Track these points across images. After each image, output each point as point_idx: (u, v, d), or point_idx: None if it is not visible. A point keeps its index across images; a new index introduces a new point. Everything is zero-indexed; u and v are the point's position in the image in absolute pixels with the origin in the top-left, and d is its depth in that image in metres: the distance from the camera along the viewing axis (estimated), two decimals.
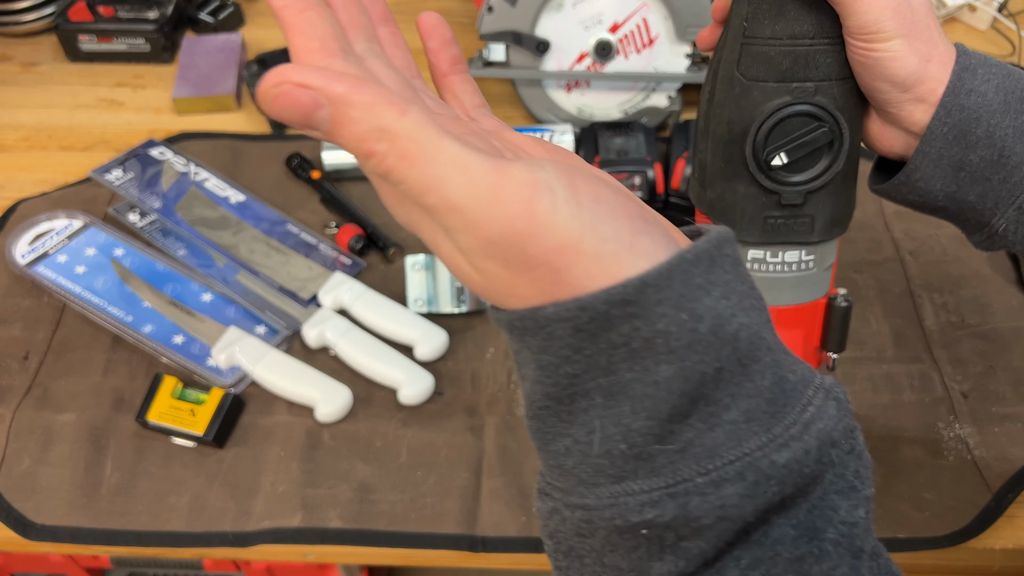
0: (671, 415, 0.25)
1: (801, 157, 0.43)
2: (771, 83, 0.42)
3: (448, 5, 1.06)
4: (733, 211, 0.46)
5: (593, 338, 0.25)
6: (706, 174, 0.47)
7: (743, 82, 0.43)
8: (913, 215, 0.80)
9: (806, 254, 0.47)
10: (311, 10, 0.26)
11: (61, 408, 0.66)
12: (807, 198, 0.45)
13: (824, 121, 0.43)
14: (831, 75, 0.42)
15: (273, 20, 1.04)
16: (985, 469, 0.62)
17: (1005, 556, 0.60)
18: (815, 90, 0.42)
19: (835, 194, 0.45)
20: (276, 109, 0.24)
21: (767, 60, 0.42)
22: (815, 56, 0.42)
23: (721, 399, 0.26)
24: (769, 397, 0.26)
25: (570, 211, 0.24)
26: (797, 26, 0.41)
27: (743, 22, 0.42)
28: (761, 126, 0.43)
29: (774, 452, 0.25)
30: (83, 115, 0.91)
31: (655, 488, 0.25)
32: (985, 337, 0.70)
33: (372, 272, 0.76)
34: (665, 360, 0.25)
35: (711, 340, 0.25)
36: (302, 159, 0.83)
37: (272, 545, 0.59)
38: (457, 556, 0.60)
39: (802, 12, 0.41)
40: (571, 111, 0.86)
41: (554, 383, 0.26)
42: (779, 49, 0.42)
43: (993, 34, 1.02)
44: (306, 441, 0.64)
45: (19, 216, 0.79)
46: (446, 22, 0.34)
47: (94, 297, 0.72)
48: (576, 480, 0.27)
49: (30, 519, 0.60)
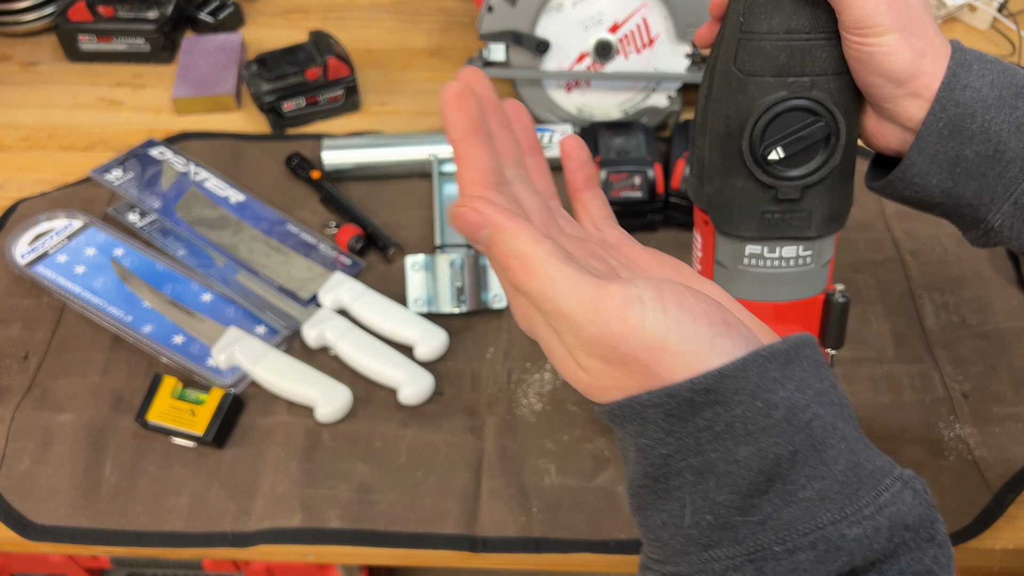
0: (750, 490, 0.29)
1: (798, 152, 0.44)
2: (768, 78, 0.43)
3: (448, 5, 1.06)
4: (731, 206, 0.46)
5: (682, 422, 0.30)
6: (704, 169, 0.47)
7: (740, 77, 0.43)
8: (914, 215, 0.80)
9: (803, 249, 0.47)
10: (478, 146, 0.35)
11: (61, 408, 0.66)
12: (804, 193, 0.45)
13: (821, 116, 0.43)
14: (828, 70, 0.42)
15: (273, 20, 1.04)
16: (986, 469, 0.62)
17: (1006, 556, 0.60)
18: (811, 84, 0.42)
19: (832, 189, 0.46)
20: (456, 222, 0.33)
21: (764, 54, 0.42)
22: (811, 50, 0.42)
23: (797, 479, 0.29)
24: (843, 480, 0.30)
25: (657, 317, 0.30)
26: (793, 20, 0.41)
27: (740, 17, 0.42)
28: (758, 121, 0.43)
29: (845, 527, 0.29)
30: (83, 115, 0.91)
31: (737, 555, 0.30)
32: (986, 337, 0.70)
33: (372, 272, 0.76)
34: (744, 442, 0.29)
35: (785, 426, 0.29)
36: (302, 159, 0.83)
37: (272, 545, 0.59)
38: (457, 556, 0.60)
39: (798, 6, 0.41)
40: (571, 111, 0.86)
41: (651, 463, 0.31)
42: (775, 44, 0.42)
43: (993, 34, 1.02)
44: (306, 441, 0.64)
45: (19, 216, 0.79)
46: (585, 145, 0.41)
47: (94, 297, 0.72)
48: (672, 550, 0.31)
49: (29, 519, 0.60)
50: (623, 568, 0.60)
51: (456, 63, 0.98)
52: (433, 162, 0.81)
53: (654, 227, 0.78)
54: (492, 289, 0.71)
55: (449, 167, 0.82)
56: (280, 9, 1.06)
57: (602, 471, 0.62)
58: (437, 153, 0.82)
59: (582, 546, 0.59)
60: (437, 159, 0.81)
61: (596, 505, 0.61)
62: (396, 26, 1.03)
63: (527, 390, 0.67)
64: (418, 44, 1.00)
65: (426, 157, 0.82)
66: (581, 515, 0.60)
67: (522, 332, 0.70)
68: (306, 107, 0.88)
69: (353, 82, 0.89)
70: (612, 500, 0.61)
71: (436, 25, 1.03)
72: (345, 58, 0.89)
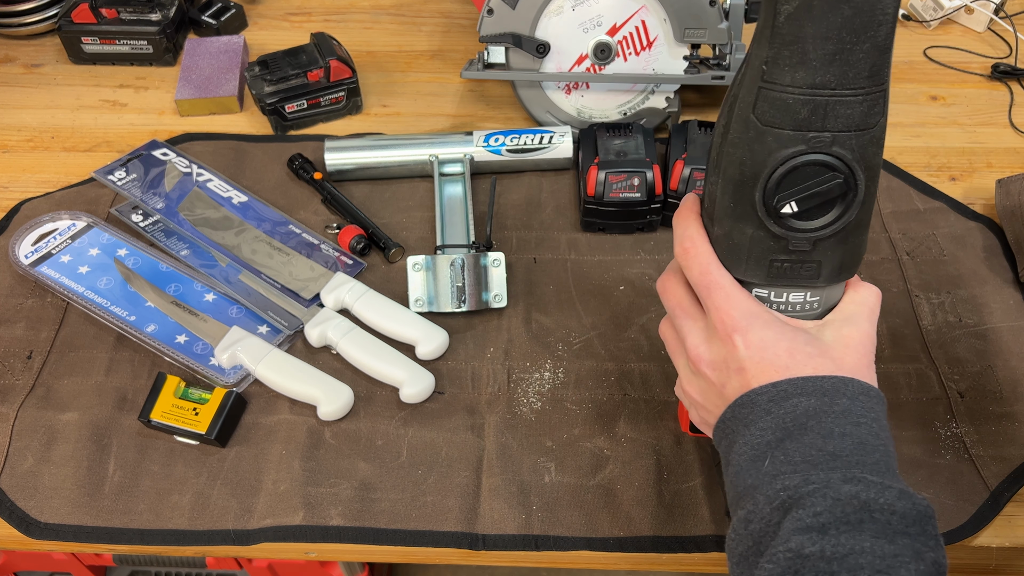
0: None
1: (813, 206, 0.43)
2: (787, 131, 0.41)
3: (449, 7, 1.06)
4: (739, 251, 0.46)
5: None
6: (715, 209, 0.46)
7: (758, 126, 0.41)
8: (910, 216, 0.80)
9: (811, 296, 0.47)
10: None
11: (64, 407, 0.66)
12: (816, 244, 0.44)
13: (839, 171, 0.41)
14: (851, 126, 0.41)
15: (275, 23, 1.05)
16: (982, 468, 0.62)
17: (1002, 554, 0.61)
18: (832, 140, 0.41)
19: (845, 241, 0.45)
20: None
21: (784, 107, 0.41)
22: (835, 107, 0.40)
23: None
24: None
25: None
26: (819, 76, 0.39)
27: (763, 64, 0.40)
28: (773, 173, 0.42)
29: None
30: (86, 116, 0.92)
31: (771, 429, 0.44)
32: (982, 337, 0.70)
33: (373, 272, 0.76)
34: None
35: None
36: (304, 160, 0.84)
37: (274, 543, 0.60)
38: (457, 554, 0.60)
39: (825, 62, 0.39)
40: (570, 112, 0.87)
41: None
42: (798, 98, 0.40)
43: (990, 36, 1.03)
44: (308, 440, 0.64)
45: (23, 216, 0.80)
46: None
47: (97, 297, 0.72)
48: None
49: (33, 517, 0.61)
50: (622, 565, 0.61)
51: (457, 65, 0.98)
52: (434, 163, 0.82)
53: (653, 228, 0.79)
54: (492, 289, 0.72)
55: (449, 168, 0.83)
56: (282, 11, 1.06)
57: (601, 469, 0.63)
58: (438, 154, 0.82)
59: (581, 544, 0.60)
60: (438, 160, 0.82)
61: (595, 503, 0.61)
62: (397, 28, 1.03)
63: (527, 389, 0.68)
64: (419, 46, 1.01)
65: (427, 158, 0.82)
66: (580, 513, 0.61)
67: (522, 332, 0.71)
68: (308, 109, 0.89)
69: (355, 84, 0.90)
70: (611, 498, 0.61)
71: (437, 27, 1.04)
72: (347, 60, 0.89)
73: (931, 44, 1.02)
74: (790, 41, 0.39)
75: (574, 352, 0.70)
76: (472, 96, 0.95)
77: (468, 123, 0.91)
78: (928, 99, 0.95)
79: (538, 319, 0.72)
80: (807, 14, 0.38)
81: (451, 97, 0.94)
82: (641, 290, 0.74)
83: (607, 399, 0.67)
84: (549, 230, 0.79)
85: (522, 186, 0.83)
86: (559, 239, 0.79)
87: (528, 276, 0.76)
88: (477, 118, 0.92)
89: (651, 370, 0.69)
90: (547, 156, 0.83)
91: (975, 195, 0.83)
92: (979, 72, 0.98)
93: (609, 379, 0.68)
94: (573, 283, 0.75)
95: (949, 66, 0.99)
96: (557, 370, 0.69)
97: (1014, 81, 0.96)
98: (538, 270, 0.76)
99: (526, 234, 0.79)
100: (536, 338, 0.71)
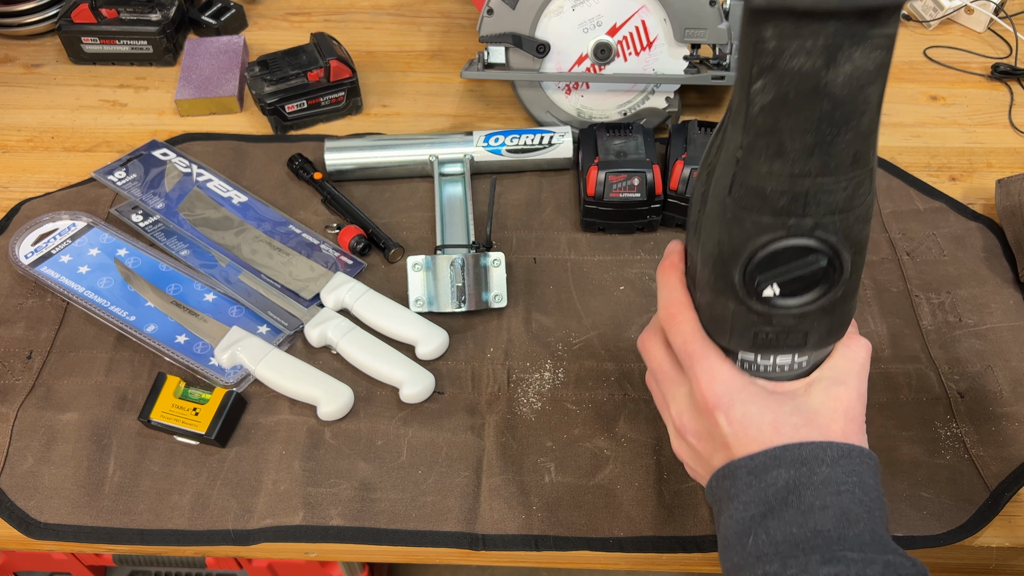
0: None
1: (797, 288, 0.40)
2: (765, 216, 0.38)
3: (448, 7, 1.06)
4: (722, 322, 0.44)
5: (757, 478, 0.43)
6: (696, 276, 0.44)
7: (735, 209, 0.39)
8: (910, 216, 0.80)
9: (799, 356, 0.45)
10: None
11: (64, 407, 0.66)
12: (802, 317, 0.42)
13: (823, 253, 0.39)
14: (834, 210, 0.38)
15: (275, 23, 1.05)
16: (982, 468, 0.62)
17: (1002, 554, 0.61)
18: (815, 225, 0.38)
19: (832, 312, 0.42)
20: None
21: (762, 195, 0.38)
22: (817, 195, 0.37)
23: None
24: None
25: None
26: (798, 166, 0.36)
27: (738, 149, 0.37)
28: (753, 256, 0.39)
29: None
30: (86, 116, 0.92)
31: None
32: (982, 337, 0.70)
33: (373, 272, 0.76)
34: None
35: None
36: (304, 160, 0.84)
37: (274, 543, 0.60)
38: (457, 554, 0.60)
39: (804, 154, 0.36)
40: (570, 113, 0.87)
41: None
42: (776, 187, 0.37)
43: (990, 36, 1.03)
44: (308, 440, 0.64)
45: (23, 216, 0.80)
46: None
47: (97, 297, 0.72)
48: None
49: (33, 518, 0.61)
50: (621, 565, 0.61)
51: (457, 65, 0.98)
52: (434, 163, 0.82)
53: (653, 228, 0.79)
54: (492, 289, 0.72)
55: (449, 168, 0.83)
56: (282, 12, 1.06)
57: (601, 469, 0.63)
58: (438, 154, 0.82)
59: (581, 543, 0.60)
60: (438, 160, 0.82)
61: (595, 503, 0.61)
62: (397, 28, 1.03)
63: (527, 389, 0.68)
64: (419, 46, 1.01)
65: (427, 158, 0.82)
66: (580, 513, 0.61)
67: (522, 332, 0.71)
68: (308, 109, 0.89)
69: (355, 84, 0.90)
70: (611, 498, 0.61)
71: (437, 27, 1.04)
72: (347, 60, 0.89)
73: (931, 44, 1.02)
74: (765, 132, 0.36)
75: (574, 352, 0.70)
76: (472, 96, 0.95)
77: (468, 123, 0.91)
78: (928, 99, 0.95)
79: (538, 319, 0.72)
80: (782, 107, 0.35)
81: (451, 97, 0.94)
82: (641, 290, 0.74)
83: (607, 399, 0.67)
84: (549, 230, 0.79)
85: (522, 186, 0.83)
86: (559, 239, 0.79)
87: (528, 276, 0.76)
88: (477, 118, 0.92)
89: None
90: (547, 156, 0.83)
91: (975, 195, 0.83)
92: (979, 72, 0.98)
93: (609, 379, 0.68)
94: (573, 283, 0.75)
95: (949, 66, 0.99)
96: (557, 370, 0.69)
97: (1014, 81, 0.96)
98: (538, 270, 0.76)
99: (526, 234, 0.79)
100: (536, 338, 0.71)
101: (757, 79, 0.35)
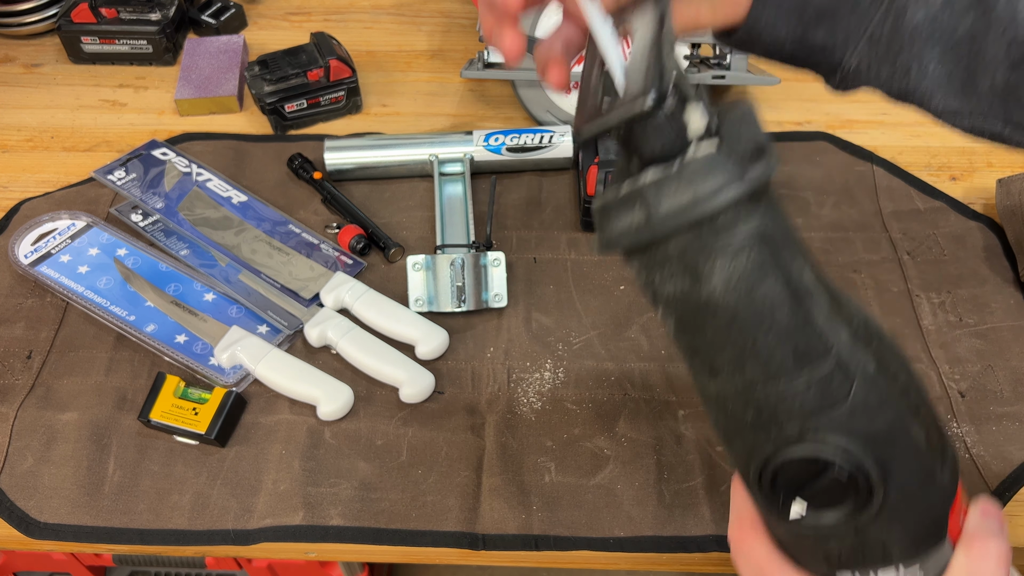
0: None
1: (824, 501, 0.35)
2: (748, 435, 0.35)
3: (448, 7, 1.06)
4: (785, 547, 0.39)
5: None
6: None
7: (722, 437, 0.37)
8: (911, 215, 0.80)
9: (905, 568, 0.37)
10: None
11: (64, 407, 0.66)
12: (860, 529, 0.35)
13: (826, 458, 0.34)
14: (809, 412, 0.33)
15: (275, 22, 1.05)
16: (983, 468, 0.62)
17: None
18: (799, 434, 0.34)
19: (899, 518, 0.35)
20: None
21: (731, 415, 0.35)
22: (777, 403, 0.34)
23: None
24: None
25: None
26: (738, 378, 0.34)
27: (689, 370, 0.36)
28: (760, 476, 0.36)
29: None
30: (86, 116, 0.92)
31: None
32: (983, 336, 0.70)
33: (373, 272, 0.76)
34: None
35: None
36: (304, 160, 0.84)
37: (274, 543, 0.60)
38: (457, 554, 0.60)
39: (733, 365, 0.33)
40: (570, 112, 0.86)
41: None
42: (736, 404, 0.34)
43: None
44: (308, 439, 0.64)
45: (22, 216, 0.80)
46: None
47: (97, 296, 0.72)
48: None
49: (33, 517, 0.61)
50: (622, 565, 0.61)
51: (457, 65, 0.98)
52: (434, 163, 0.82)
53: None
54: (492, 289, 0.72)
55: (449, 168, 0.83)
56: (282, 11, 1.06)
57: (601, 469, 0.63)
58: (438, 154, 0.82)
59: (581, 543, 0.59)
60: (438, 160, 0.82)
61: (595, 503, 0.61)
62: (397, 28, 1.03)
63: (527, 389, 0.68)
64: (419, 46, 1.01)
65: (427, 158, 0.82)
66: (580, 512, 0.61)
67: (522, 331, 0.71)
68: (308, 108, 0.89)
69: (355, 83, 0.89)
70: (611, 498, 0.61)
71: (437, 27, 1.04)
72: (346, 60, 0.89)
73: None
74: (689, 354, 0.35)
75: (574, 352, 0.70)
76: (472, 96, 0.94)
77: (468, 123, 0.91)
78: None
79: (538, 319, 0.72)
80: (687, 330, 0.34)
81: (451, 97, 0.94)
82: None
83: (607, 399, 0.67)
84: (549, 230, 0.79)
85: (522, 186, 0.83)
86: (559, 239, 0.79)
87: (528, 276, 0.76)
88: (477, 118, 0.92)
89: (651, 370, 0.69)
90: (547, 156, 0.83)
91: (975, 195, 0.83)
92: None
93: (609, 379, 0.68)
94: (573, 283, 0.75)
95: None
96: (557, 370, 0.69)
97: None
98: (538, 270, 0.76)
99: (526, 234, 0.79)
100: (536, 338, 0.71)
101: (656, 309, 0.35)
